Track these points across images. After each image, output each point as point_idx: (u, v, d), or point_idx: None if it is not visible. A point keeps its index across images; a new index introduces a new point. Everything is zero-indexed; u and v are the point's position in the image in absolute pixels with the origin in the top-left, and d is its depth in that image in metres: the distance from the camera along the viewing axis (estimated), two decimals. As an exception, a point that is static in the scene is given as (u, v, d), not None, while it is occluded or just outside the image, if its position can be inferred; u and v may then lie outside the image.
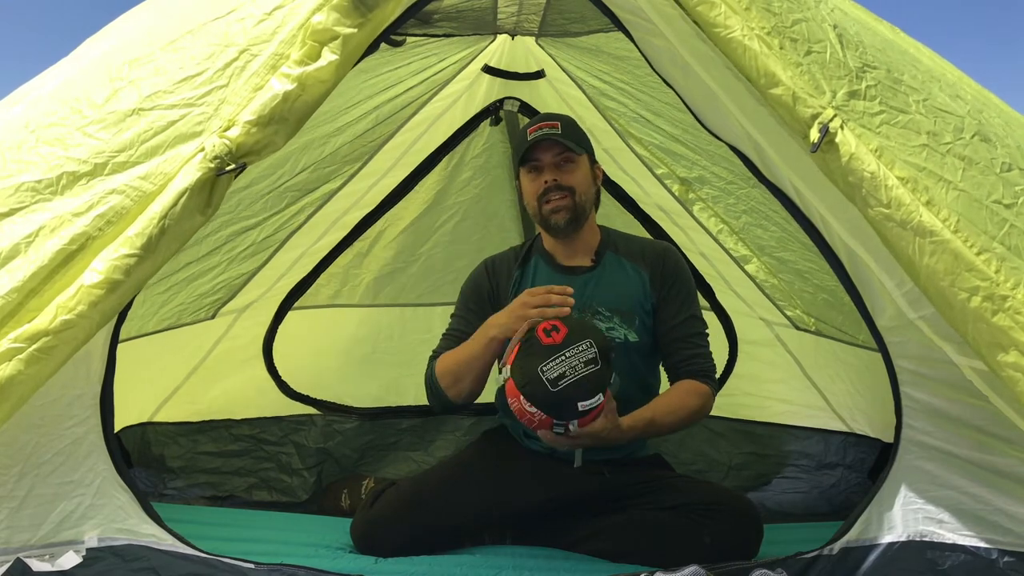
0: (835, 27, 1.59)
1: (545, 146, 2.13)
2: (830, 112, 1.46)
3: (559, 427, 1.76)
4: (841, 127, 1.45)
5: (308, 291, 3.16)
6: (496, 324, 1.99)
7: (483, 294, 2.26)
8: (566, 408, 1.75)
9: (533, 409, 1.77)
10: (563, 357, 1.75)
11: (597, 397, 1.74)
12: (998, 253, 1.40)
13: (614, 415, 1.86)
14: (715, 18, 1.51)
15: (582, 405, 1.74)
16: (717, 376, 2.23)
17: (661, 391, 2.27)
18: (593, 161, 2.25)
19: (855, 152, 1.44)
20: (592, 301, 2.15)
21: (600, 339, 1.80)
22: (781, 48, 1.51)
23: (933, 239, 1.40)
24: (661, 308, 2.17)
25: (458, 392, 2.11)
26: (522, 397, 1.78)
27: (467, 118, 3.01)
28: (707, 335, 2.22)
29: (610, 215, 3.00)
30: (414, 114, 2.90)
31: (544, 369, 1.75)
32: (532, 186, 2.17)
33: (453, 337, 2.21)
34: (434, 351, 2.22)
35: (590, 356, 1.74)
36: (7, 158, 1.56)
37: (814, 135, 1.45)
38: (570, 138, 2.15)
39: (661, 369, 2.27)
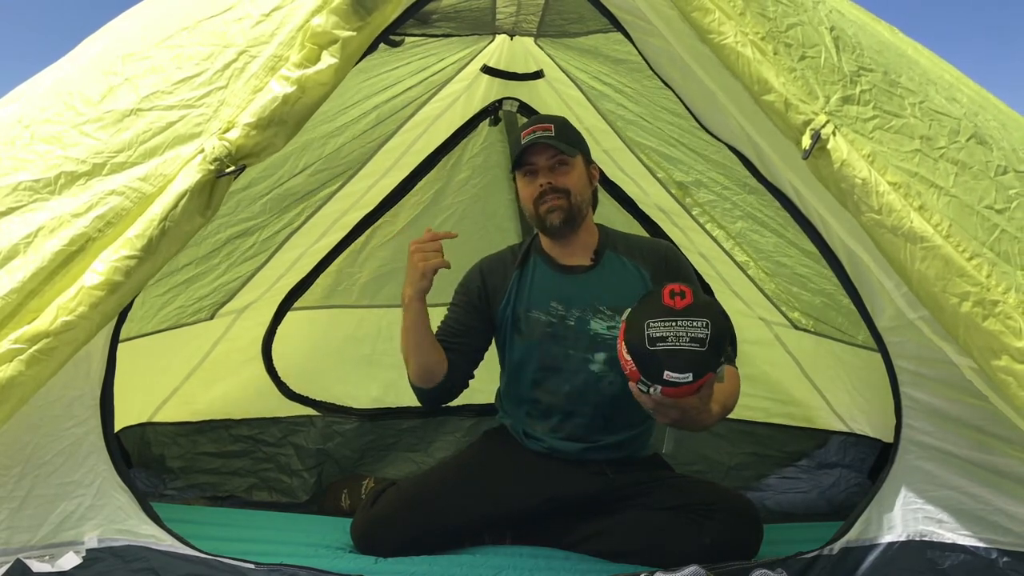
0: (832, 29, 1.59)
1: (539, 149, 2.13)
2: (822, 118, 1.46)
3: (643, 385, 1.74)
4: (833, 133, 1.45)
5: (307, 292, 3.16)
6: (405, 287, 2.07)
7: (472, 292, 2.28)
8: (653, 370, 1.72)
9: (628, 356, 1.75)
10: (674, 323, 1.72)
11: (687, 375, 1.69)
12: (989, 258, 1.40)
13: (709, 400, 1.82)
14: (709, 24, 1.51)
15: (668, 375, 1.69)
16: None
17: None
18: (588, 161, 2.25)
19: (847, 158, 1.44)
20: (593, 300, 2.15)
21: (720, 326, 1.74)
22: (775, 53, 1.50)
23: (924, 245, 1.40)
24: None
25: (413, 370, 2.15)
26: (622, 342, 1.77)
27: (466, 118, 3.01)
28: None
29: (609, 215, 3.00)
30: (413, 114, 2.90)
31: (651, 324, 1.73)
32: (528, 190, 2.18)
33: (439, 332, 2.23)
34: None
35: (700, 335, 1.70)
36: (1, 155, 1.56)
37: (805, 142, 1.45)
38: (564, 140, 2.15)
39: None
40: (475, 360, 2.27)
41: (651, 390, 1.73)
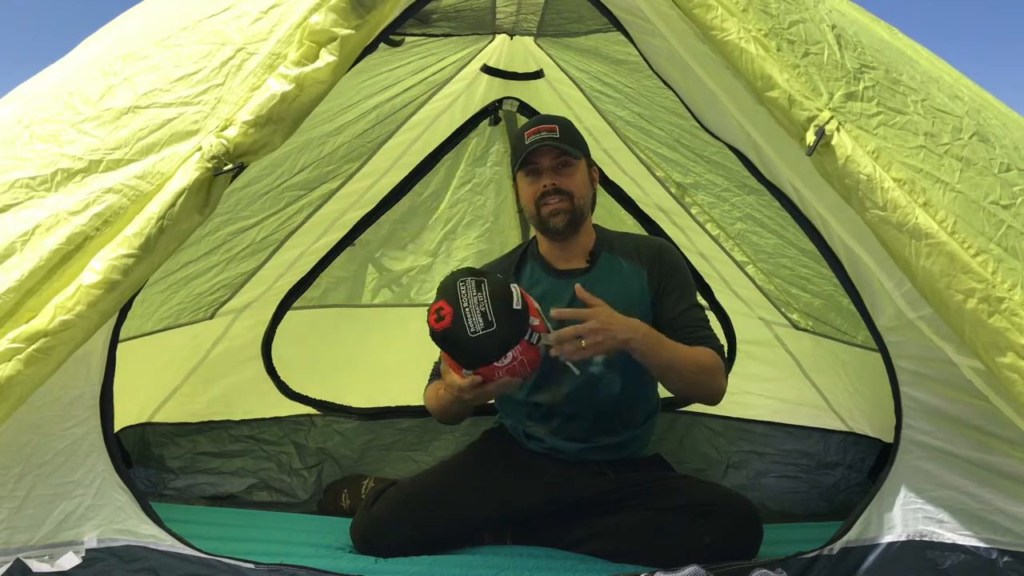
0: (833, 27, 1.58)
1: (543, 150, 2.12)
2: (826, 114, 1.46)
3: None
4: (837, 129, 1.44)
5: (307, 291, 3.16)
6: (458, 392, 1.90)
7: None
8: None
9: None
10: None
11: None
12: (995, 255, 1.39)
13: (610, 315, 1.88)
14: (712, 21, 1.50)
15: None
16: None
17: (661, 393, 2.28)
18: (590, 163, 2.24)
19: (851, 154, 1.43)
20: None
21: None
22: (778, 50, 1.50)
23: (929, 241, 1.39)
24: (660, 301, 2.16)
25: (449, 422, 2.21)
26: None
27: (466, 118, 3.01)
28: (708, 321, 2.19)
29: (609, 214, 3.00)
30: (413, 114, 2.90)
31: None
32: (530, 190, 2.16)
33: None
34: (436, 363, 2.25)
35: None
36: (0, 153, 1.56)
37: (810, 138, 1.45)
38: (568, 142, 2.14)
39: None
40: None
41: None
